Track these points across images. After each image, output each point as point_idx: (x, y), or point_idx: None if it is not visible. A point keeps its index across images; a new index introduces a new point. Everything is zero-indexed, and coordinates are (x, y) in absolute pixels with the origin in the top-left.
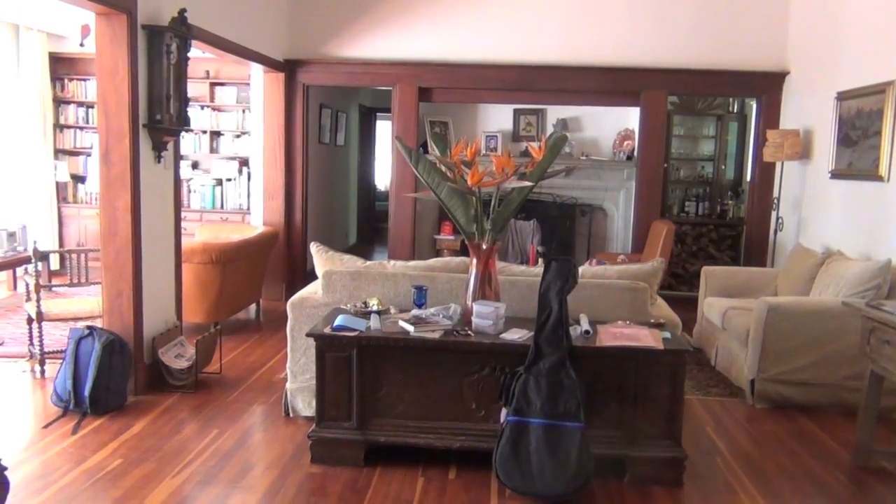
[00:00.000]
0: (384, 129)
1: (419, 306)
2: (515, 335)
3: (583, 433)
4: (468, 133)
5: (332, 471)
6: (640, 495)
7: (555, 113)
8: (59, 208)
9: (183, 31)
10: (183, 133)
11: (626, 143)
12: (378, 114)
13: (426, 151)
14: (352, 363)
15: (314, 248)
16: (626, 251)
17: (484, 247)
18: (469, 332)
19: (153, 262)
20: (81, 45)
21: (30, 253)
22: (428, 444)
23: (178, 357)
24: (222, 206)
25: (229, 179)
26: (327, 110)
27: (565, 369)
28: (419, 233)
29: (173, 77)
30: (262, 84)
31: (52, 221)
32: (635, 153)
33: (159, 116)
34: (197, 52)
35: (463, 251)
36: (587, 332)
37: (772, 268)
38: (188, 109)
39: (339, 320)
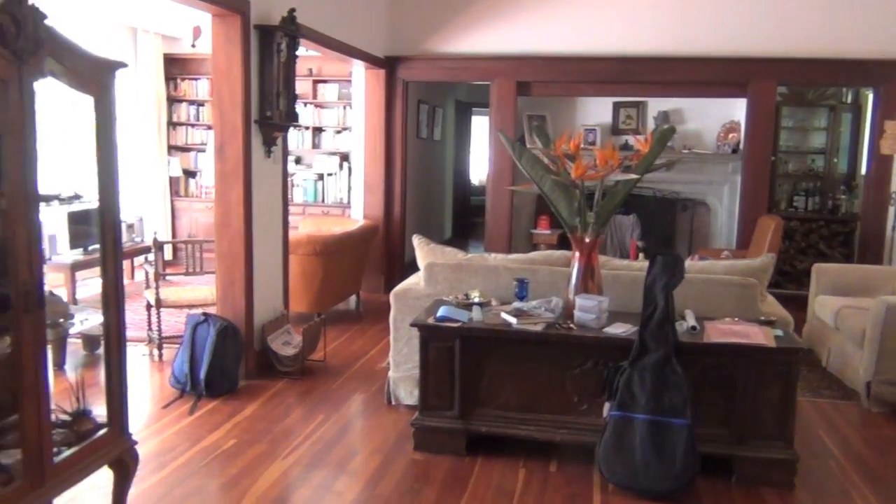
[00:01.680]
0: (479, 124)
1: (521, 299)
2: (619, 329)
3: (689, 430)
4: (566, 127)
5: (435, 458)
6: (749, 496)
7: (656, 105)
8: (171, 202)
9: (292, 30)
10: (290, 128)
11: (730, 135)
12: (474, 108)
13: (523, 145)
14: (454, 353)
15: (416, 240)
16: (730, 247)
17: (587, 240)
18: (572, 325)
19: (263, 252)
20: (193, 45)
21: (146, 243)
22: (529, 435)
23: (286, 344)
24: (323, 200)
25: (330, 174)
26: (425, 106)
27: (671, 365)
28: (516, 227)
29: (283, 75)
30: (363, 81)
31: (165, 214)
32: (741, 146)
33: (269, 113)
34: (301, 50)
35: (560, 245)
36: (694, 327)
37: (889, 266)
38: (296, 106)
39: (441, 311)
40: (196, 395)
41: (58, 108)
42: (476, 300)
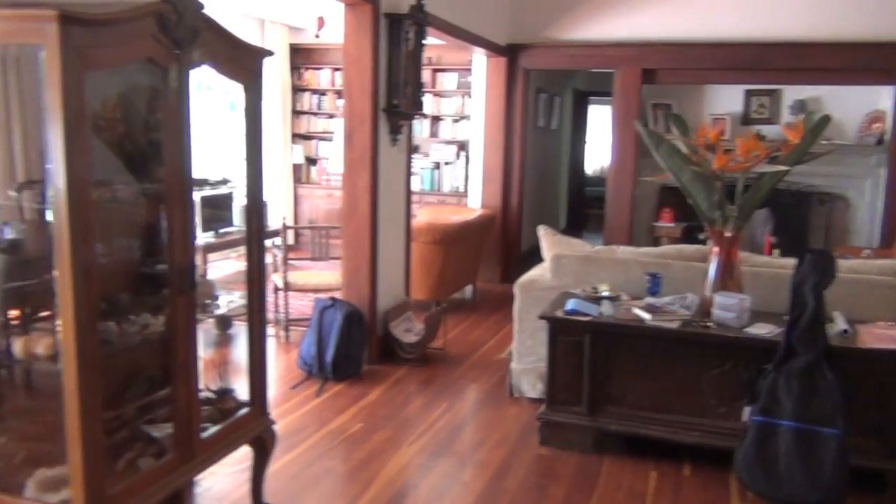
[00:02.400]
0: (596, 113)
1: (653, 294)
2: (762, 329)
3: (840, 440)
4: (693, 116)
5: (561, 455)
6: None
7: (791, 93)
8: (294, 188)
9: (420, 18)
10: (415, 117)
11: (875, 125)
12: (591, 97)
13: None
14: (584, 348)
15: (542, 231)
16: (871, 245)
17: (727, 234)
18: (710, 323)
19: (386, 239)
20: (316, 36)
21: (272, 228)
22: (661, 436)
23: (407, 331)
24: (439, 189)
25: (447, 163)
26: (543, 95)
27: (820, 370)
28: (637, 219)
29: (410, 63)
30: (484, 69)
31: (288, 200)
32: (886, 137)
33: (396, 101)
34: None
35: (685, 239)
36: (845, 331)
37: None
38: (421, 95)
39: (570, 304)
40: (323, 377)
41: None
42: (605, 294)
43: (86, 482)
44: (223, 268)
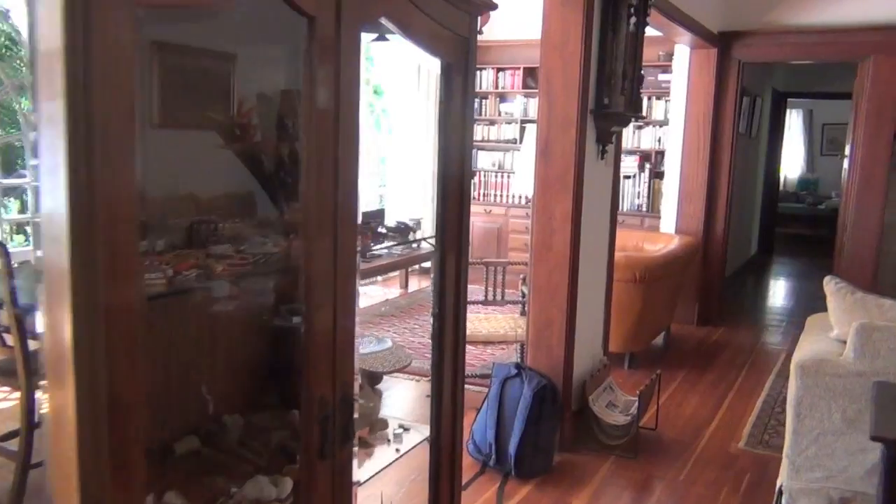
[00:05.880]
0: (794, 118)
1: None
2: None
3: None
4: None
5: None
6: None
7: None
8: None
9: None
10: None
11: None
12: (789, 99)
13: None
14: None
15: (831, 286)
16: None
17: None
18: None
19: (585, 282)
20: (480, 31)
21: (425, 250)
22: None
23: (610, 407)
24: (617, 207)
25: (627, 176)
26: (746, 97)
27: None
28: (885, 253)
29: (629, 51)
30: (687, 64)
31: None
32: None
33: (608, 100)
34: None
35: None
36: None
37: None
38: (640, 92)
39: None
40: (502, 473)
41: None
42: None
43: None
44: (369, 294)
